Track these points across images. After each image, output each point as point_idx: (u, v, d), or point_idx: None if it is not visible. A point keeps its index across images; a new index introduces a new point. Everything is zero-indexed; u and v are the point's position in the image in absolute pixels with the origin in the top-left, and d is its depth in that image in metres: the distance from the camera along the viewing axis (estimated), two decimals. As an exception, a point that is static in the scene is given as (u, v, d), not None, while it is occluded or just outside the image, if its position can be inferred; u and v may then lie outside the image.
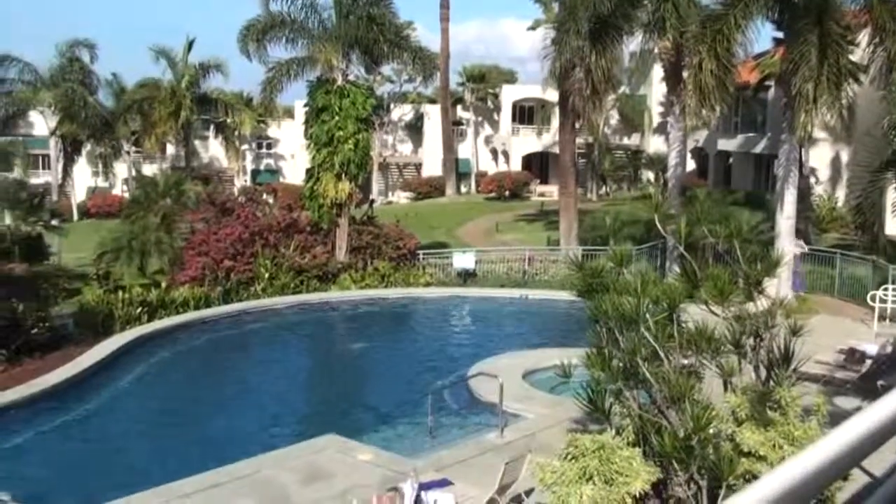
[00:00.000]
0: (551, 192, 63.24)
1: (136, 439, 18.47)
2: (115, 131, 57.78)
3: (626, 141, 70.01)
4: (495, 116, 76.74)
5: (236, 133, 62.78)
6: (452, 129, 72.01)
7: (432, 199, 69.21)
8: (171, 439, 18.20)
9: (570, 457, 10.72)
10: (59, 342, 23.49)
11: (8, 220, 36.44)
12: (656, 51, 35.33)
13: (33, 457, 17.16)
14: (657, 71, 51.49)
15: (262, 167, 74.75)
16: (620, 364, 11.32)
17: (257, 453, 15.23)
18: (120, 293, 27.26)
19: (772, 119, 48.02)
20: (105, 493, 13.27)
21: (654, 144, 65.74)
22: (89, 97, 55.88)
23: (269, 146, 74.86)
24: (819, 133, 37.70)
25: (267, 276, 31.08)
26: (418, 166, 77.01)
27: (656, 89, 62.61)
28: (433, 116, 73.47)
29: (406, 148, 78.29)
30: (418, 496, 11.47)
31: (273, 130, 72.38)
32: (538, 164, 72.68)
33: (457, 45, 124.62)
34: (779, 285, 16.69)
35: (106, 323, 25.38)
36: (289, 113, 70.95)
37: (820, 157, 46.50)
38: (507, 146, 73.47)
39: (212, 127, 61.89)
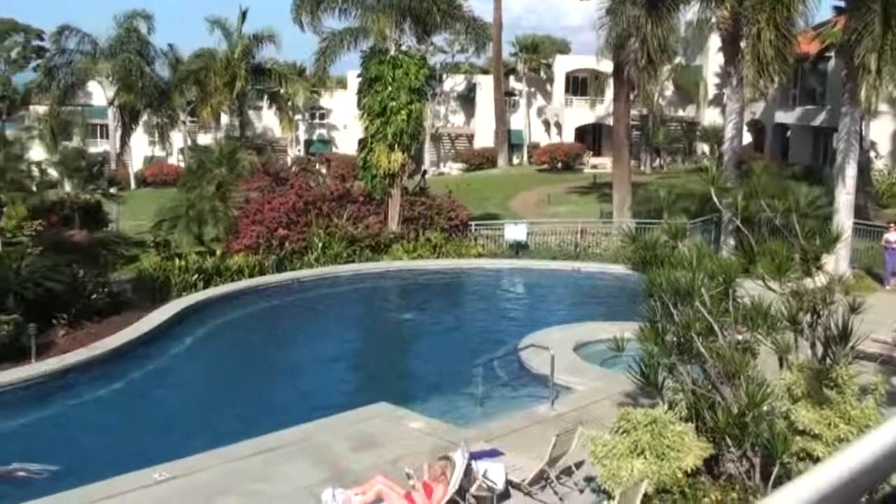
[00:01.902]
0: (604, 164, 62.73)
1: (192, 403, 18.84)
2: (171, 101, 58.38)
3: (680, 113, 69.00)
4: (548, 87, 76.08)
5: (290, 103, 63.04)
6: (505, 100, 71.58)
7: (484, 170, 69.02)
8: (225, 403, 18.52)
9: (621, 430, 10.75)
10: (118, 307, 24.01)
11: (68, 188, 37.16)
12: (713, 20, 34.77)
13: (93, 417, 17.61)
14: (714, 41, 50.60)
15: (315, 137, 75.09)
16: (674, 338, 11.29)
17: (310, 420, 15.44)
18: (176, 260, 27.73)
19: (831, 91, 46.99)
20: (162, 454, 13.58)
21: (710, 116, 64.72)
22: (146, 67, 56.53)
23: (322, 116, 75.12)
24: (881, 106, 36.81)
25: (320, 245, 31.36)
26: (470, 137, 76.76)
27: (713, 60, 61.52)
28: (485, 87, 73.05)
29: (458, 119, 78.03)
30: (469, 465, 11.55)
31: (326, 101, 72.58)
32: (591, 136, 72.03)
33: (509, 15, 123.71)
34: (837, 261, 16.42)
35: (163, 289, 25.88)
36: (342, 83, 71.10)
37: (881, 130, 45.45)
38: (559, 117, 72.87)
39: (265, 97, 62.24)
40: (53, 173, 38.79)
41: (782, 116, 53.98)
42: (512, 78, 75.97)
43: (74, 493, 12.01)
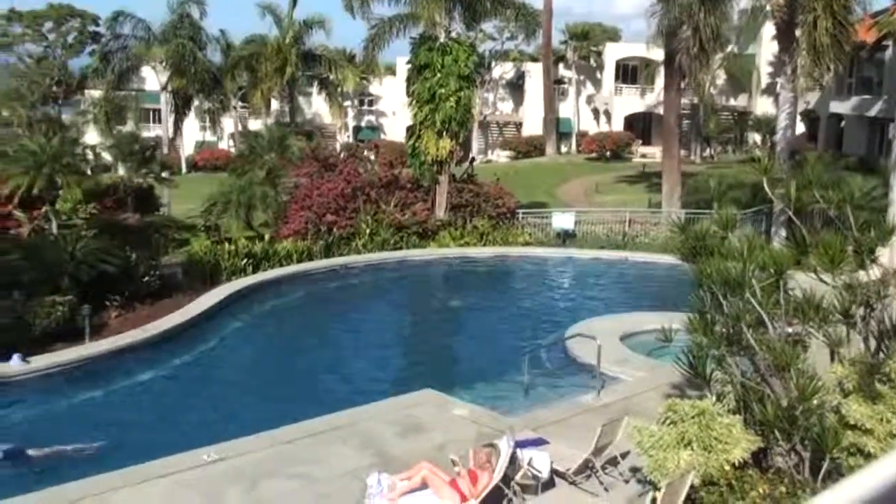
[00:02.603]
0: (653, 153, 62.17)
1: (241, 385, 19.10)
2: (223, 86, 58.95)
3: (732, 102, 68.11)
4: (598, 75, 75.53)
5: (339, 89, 63.34)
6: (554, 88, 71.22)
7: (532, 158, 68.79)
8: (273, 387, 18.75)
9: (668, 421, 10.67)
10: (169, 290, 24.42)
11: (122, 172, 37.72)
12: (768, 8, 34.17)
13: (144, 397, 17.94)
14: (768, 29, 49.82)
15: (363, 124, 75.38)
16: (723, 330, 11.17)
17: (356, 405, 15.56)
18: (226, 245, 28.07)
19: (889, 80, 46.08)
20: (209, 436, 13.78)
21: (762, 106, 63.80)
22: (199, 53, 57.08)
23: (370, 103, 75.36)
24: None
25: (368, 231, 31.53)
26: (518, 125, 76.51)
27: (766, 48, 60.65)
28: (534, 75, 72.71)
29: (506, 106, 77.80)
30: (514, 453, 11.56)
31: (375, 87, 72.79)
32: (640, 125, 71.43)
33: (560, 2, 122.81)
34: (892, 254, 16.13)
35: (213, 273, 26.22)
36: (391, 70, 71.17)
37: (940, 121, 44.40)
38: (609, 106, 72.34)
39: (315, 83, 62.60)
40: (107, 157, 39.45)
41: (837, 106, 53.01)
42: (561, 66, 75.54)
43: (126, 472, 12.24)
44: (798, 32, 28.98)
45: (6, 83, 67.11)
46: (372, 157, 42.12)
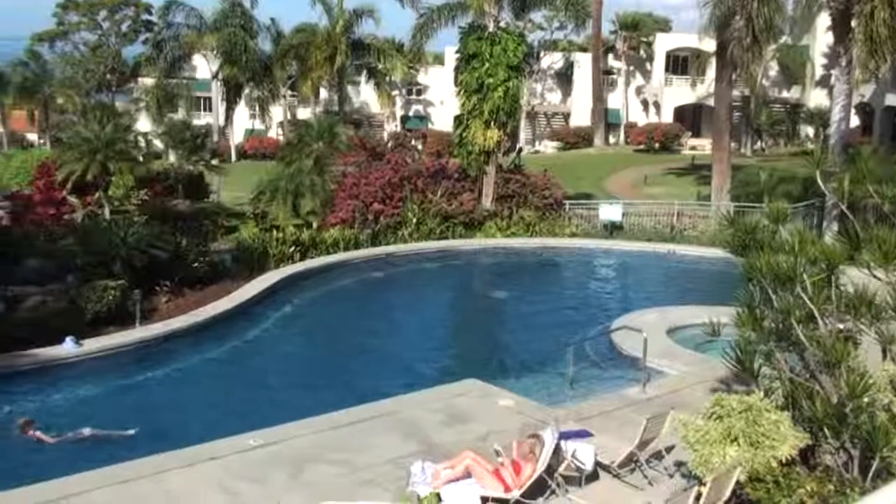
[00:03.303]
0: (703, 145, 61.47)
1: (287, 372, 19.29)
2: (273, 75, 59.42)
3: (784, 94, 67.06)
4: (647, 66, 74.79)
5: (387, 79, 63.49)
6: (603, 79, 70.66)
7: (579, 149, 68.38)
8: (318, 374, 18.92)
9: (714, 416, 10.59)
10: (218, 276, 24.72)
11: (173, 159, 38.27)
12: (823, -2, 33.58)
13: (192, 381, 18.20)
14: (823, 20, 48.95)
15: (411, 113, 75.47)
16: (772, 325, 11.04)
17: (400, 393, 15.64)
18: (274, 232, 28.35)
19: (948, 73, 44.95)
20: (255, 421, 13.95)
21: (816, 98, 62.73)
22: (249, 41, 57.62)
23: (418, 92, 75.40)
24: None
25: (414, 220, 31.64)
26: (566, 116, 76.09)
27: (821, 40, 59.60)
28: (583, 65, 72.18)
29: (555, 97, 77.39)
30: (558, 445, 11.53)
31: (423, 77, 72.77)
32: (690, 117, 70.62)
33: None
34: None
35: (261, 260, 26.48)
36: (439, 59, 71.19)
37: None
38: (658, 97, 71.64)
39: (364, 72, 62.79)
40: (159, 144, 40.05)
41: (893, 99, 51.92)
42: (611, 56, 74.93)
43: (176, 454, 12.45)
44: (854, 23, 28.43)
45: (62, 71, 68.26)
46: (419, 147, 42.27)
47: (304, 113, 62.71)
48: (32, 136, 70.72)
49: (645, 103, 74.54)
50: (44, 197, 30.25)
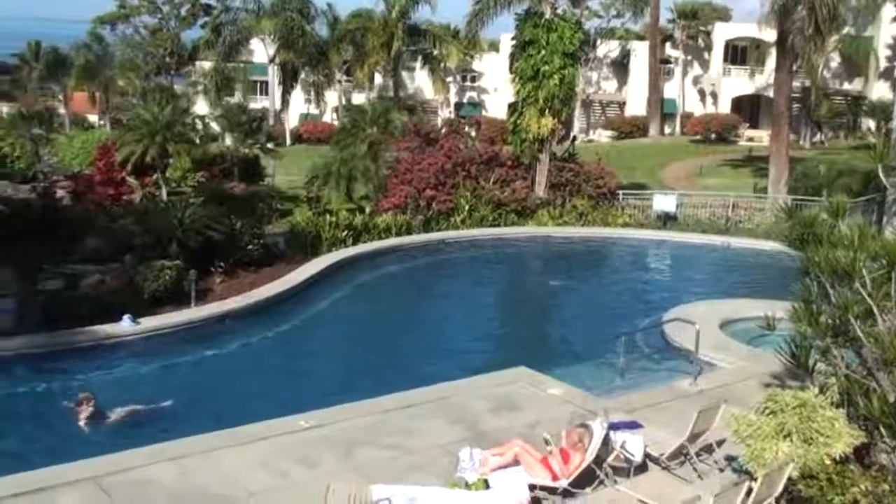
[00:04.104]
0: (761, 136, 60.59)
1: (337, 355, 19.47)
2: (329, 60, 59.73)
3: (846, 86, 65.70)
4: (705, 55, 73.76)
5: (442, 65, 63.47)
6: (660, 68, 69.87)
7: (634, 138, 67.77)
8: (369, 358, 19.05)
9: (767, 411, 10.49)
10: (271, 259, 24.98)
11: (229, 142, 38.70)
12: (890, -12, 32.82)
13: (245, 362, 18.47)
14: (888, 10, 47.89)
15: (465, 100, 75.38)
16: (829, 320, 10.89)
17: (450, 379, 15.69)
18: (327, 216, 28.58)
19: None
20: (307, 402, 14.12)
21: (879, 91, 61.34)
22: (306, 26, 57.96)
23: (472, 79, 75.28)
24: None
25: (467, 207, 31.66)
26: (622, 105, 75.44)
27: (885, 30, 58.32)
28: (640, 54, 71.43)
29: (610, 85, 76.74)
30: (607, 435, 11.50)
31: (477, 63, 72.65)
32: (748, 108, 69.57)
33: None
34: None
35: (314, 244, 26.71)
36: (494, 46, 70.93)
37: None
38: (716, 87, 70.69)
39: (419, 58, 62.83)
40: (216, 127, 40.50)
41: (960, 92, 50.64)
42: (668, 45, 74.02)
43: (228, 433, 12.65)
44: (921, 14, 27.75)
45: (123, 54, 69.32)
46: (473, 134, 42.14)
47: (358, 98, 62.96)
48: (93, 118, 72.05)
49: (702, 93, 73.57)
50: (104, 177, 30.84)
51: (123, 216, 25.58)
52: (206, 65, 65.50)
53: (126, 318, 18.64)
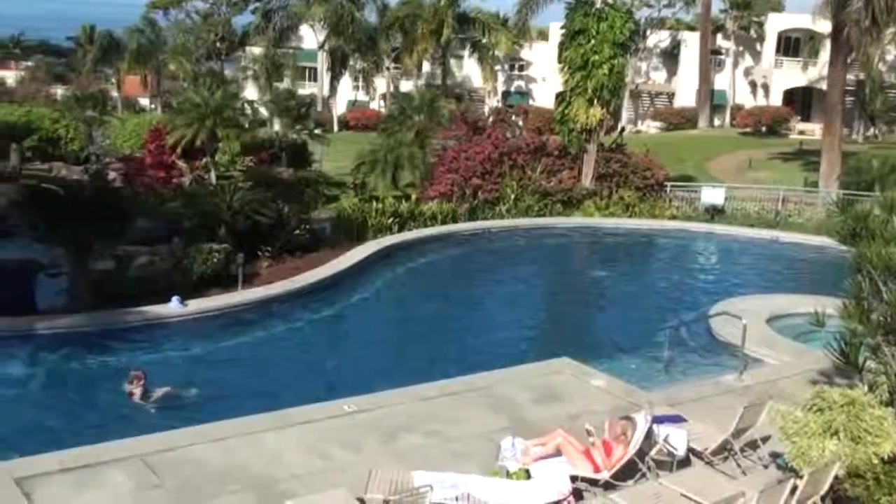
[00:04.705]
0: (812, 130, 59.69)
1: (381, 341, 19.57)
2: (378, 47, 59.84)
3: (902, 79, 64.43)
4: (757, 47, 72.69)
5: (491, 53, 63.31)
6: (710, 59, 69.07)
7: (683, 130, 67.07)
8: (412, 345, 19.15)
9: (814, 409, 10.36)
10: (317, 244, 25.15)
11: (277, 127, 38.99)
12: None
13: (290, 346, 18.63)
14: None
15: (512, 89, 75.12)
16: (881, 318, 10.73)
17: (492, 368, 15.70)
18: (373, 203, 28.69)
19: None
20: (351, 387, 14.23)
21: (937, 85, 60.10)
22: (356, 13, 58.12)
23: (521, 68, 74.99)
24: None
25: (512, 197, 31.61)
26: (671, 96, 74.68)
27: (946, 23, 56.84)
28: (691, 44, 70.68)
29: (659, 76, 75.98)
30: (650, 428, 11.45)
31: (526, 52, 72.33)
32: (800, 100, 68.53)
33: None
34: None
35: (360, 230, 26.85)
36: (543, 35, 70.58)
37: None
38: (767, 79, 69.70)
39: (468, 46, 62.71)
40: (264, 112, 40.84)
41: None
42: (719, 35, 73.06)
43: (272, 416, 12.78)
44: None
45: (175, 38, 70.10)
46: (520, 123, 42.05)
47: (406, 85, 63.09)
48: (145, 101, 73.05)
49: (753, 85, 72.57)
50: (154, 160, 31.26)
51: (173, 199, 25.91)
52: (256, 50, 65.99)
53: (175, 299, 18.89)
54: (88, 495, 10.36)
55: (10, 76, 73.03)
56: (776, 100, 68.11)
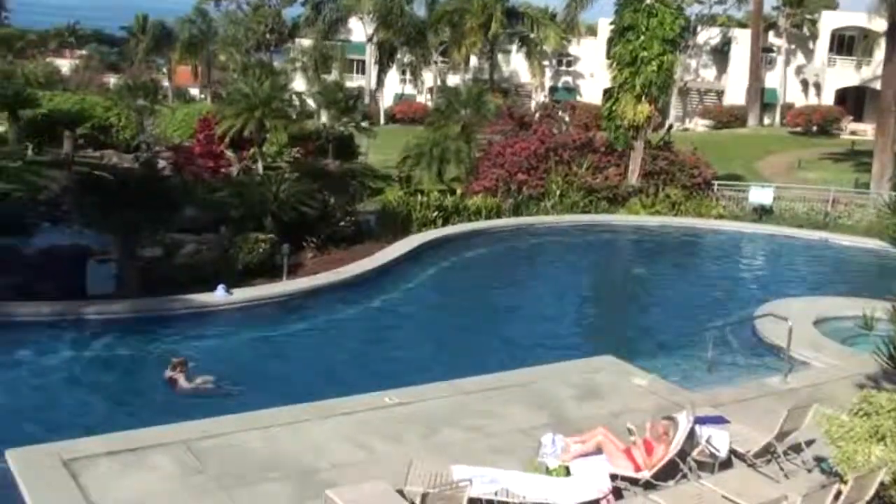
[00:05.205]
0: (864, 130, 58.65)
1: (422, 334, 19.60)
2: (426, 41, 59.87)
3: (960, 80, 62.99)
4: (810, 45, 71.50)
5: (539, 48, 63.06)
6: (761, 57, 68.10)
7: (731, 128, 66.25)
8: (453, 339, 19.17)
9: (861, 413, 10.23)
10: (362, 236, 25.34)
11: (324, 119, 39.21)
12: None
13: (332, 337, 18.77)
14: None
15: (559, 84, 74.71)
16: (932, 323, 10.54)
17: (534, 364, 15.68)
18: (418, 196, 28.76)
19: None
20: (391, 380, 14.31)
21: None
22: (405, 6, 58.20)
23: (568, 63, 74.56)
24: None
25: (557, 192, 31.50)
26: (720, 93, 73.77)
27: None
28: (742, 42, 69.71)
29: (709, 73, 75.05)
30: (693, 429, 11.35)
31: (574, 48, 71.87)
32: (853, 100, 67.31)
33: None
34: None
35: (404, 223, 26.95)
36: (591, 30, 70.11)
37: None
38: (819, 78, 68.56)
39: (516, 41, 62.51)
40: (312, 104, 41.08)
41: None
42: (771, 33, 71.99)
43: (314, 406, 12.89)
44: None
45: (225, 29, 70.79)
46: (567, 119, 41.87)
47: (453, 79, 63.02)
48: (195, 91, 73.88)
49: (805, 84, 71.44)
50: (203, 150, 31.65)
51: (221, 188, 26.20)
52: (305, 42, 66.42)
53: (220, 288, 19.11)
54: (133, 478, 10.53)
55: (65, 65, 74.31)
56: (828, 99, 67.00)
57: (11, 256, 19.61)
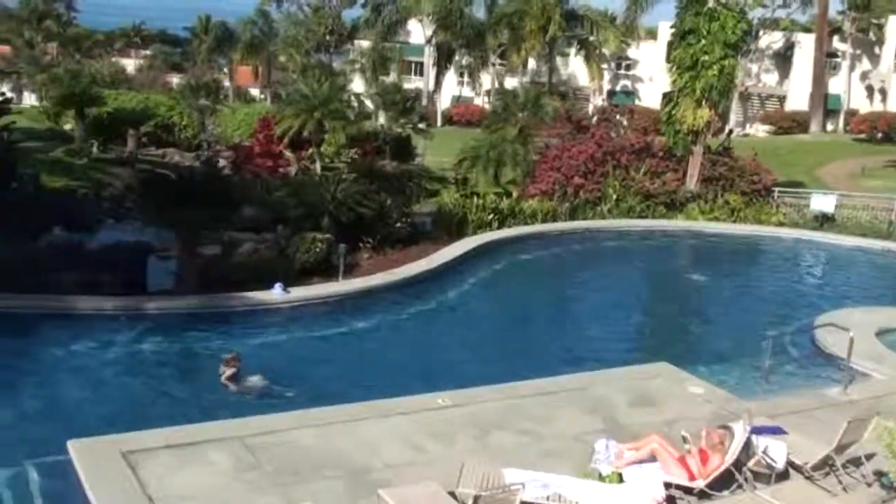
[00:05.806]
0: (933, 137, 57.28)
1: (475, 337, 19.54)
2: (485, 43, 59.86)
3: None
4: (876, 50, 70.09)
5: (597, 52, 62.71)
6: (825, 62, 66.91)
7: (793, 134, 65.19)
8: (507, 342, 19.12)
9: (924, 427, 9.99)
10: (417, 238, 25.38)
11: (382, 121, 39.43)
12: None
13: (386, 337, 18.86)
14: None
15: (618, 88, 74.21)
16: None
17: (588, 370, 15.60)
18: (474, 199, 28.78)
19: None
20: (445, 381, 14.35)
21: None
22: (465, 8, 58.28)
23: (627, 67, 74.02)
24: None
25: (614, 197, 31.31)
26: (782, 99, 72.65)
27: None
28: (805, 46, 68.61)
29: (771, 78, 73.95)
30: (749, 439, 11.20)
31: (633, 51, 71.36)
32: (921, 106, 65.85)
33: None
34: None
35: (459, 225, 26.98)
36: (651, 34, 69.50)
37: None
38: (886, 83, 67.18)
39: (575, 44, 62.24)
40: (370, 105, 41.34)
41: None
42: (836, 38, 70.71)
43: (370, 405, 12.97)
44: None
45: (286, 30, 71.52)
46: (625, 123, 41.56)
47: (511, 82, 62.93)
48: (255, 91, 74.76)
49: (870, 89, 70.02)
50: (263, 149, 32.05)
51: (279, 188, 26.51)
52: (364, 44, 66.84)
53: (277, 286, 19.32)
54: (189, 472, 10.71)
55: (130, 64, 75.73)
56: (894, 105, 65.60)
57: (76, 251, 20.04)
